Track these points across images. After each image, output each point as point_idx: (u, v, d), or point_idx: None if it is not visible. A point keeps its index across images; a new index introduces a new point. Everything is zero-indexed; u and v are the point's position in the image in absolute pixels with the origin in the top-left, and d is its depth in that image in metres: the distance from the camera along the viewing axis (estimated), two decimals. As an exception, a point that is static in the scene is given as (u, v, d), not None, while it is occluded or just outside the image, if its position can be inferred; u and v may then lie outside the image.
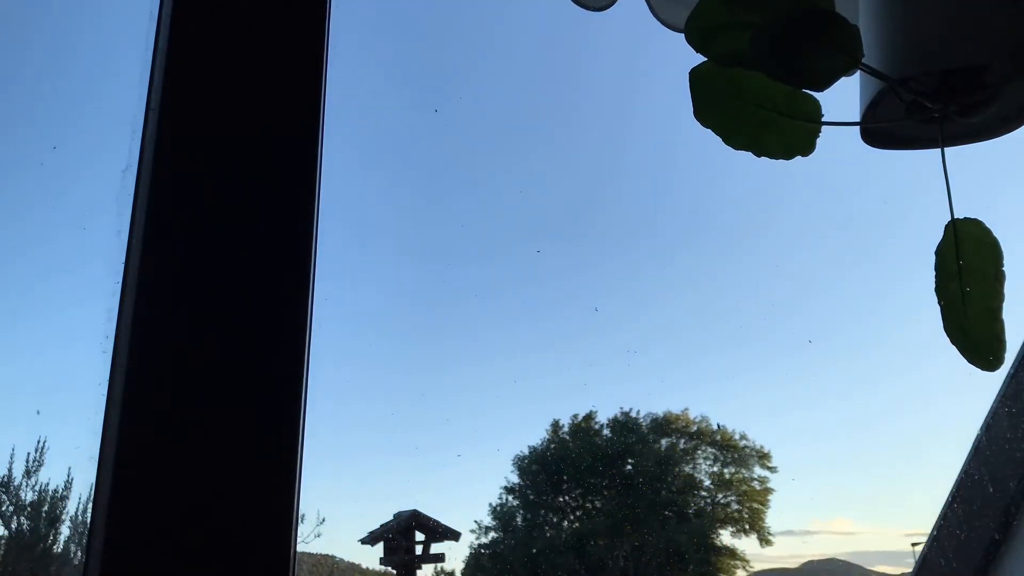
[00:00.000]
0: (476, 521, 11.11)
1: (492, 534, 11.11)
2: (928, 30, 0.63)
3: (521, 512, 11.30)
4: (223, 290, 0.56)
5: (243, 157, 0.59)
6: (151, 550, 0.49)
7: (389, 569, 8.47)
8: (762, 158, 0.63)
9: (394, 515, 8.46)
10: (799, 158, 0.63)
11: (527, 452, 11.59)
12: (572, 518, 11.08)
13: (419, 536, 8.47)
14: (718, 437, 11.59)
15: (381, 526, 8.36)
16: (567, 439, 11.58)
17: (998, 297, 0.61)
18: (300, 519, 0.55)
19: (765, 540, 11.20)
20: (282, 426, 0.54)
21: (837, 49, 0.58)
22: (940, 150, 0.64)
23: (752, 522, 11.29)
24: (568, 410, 11.76)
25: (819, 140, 0.63)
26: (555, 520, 11.12)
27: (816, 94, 0.62)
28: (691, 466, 11.47)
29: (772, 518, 11.30)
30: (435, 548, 8.57)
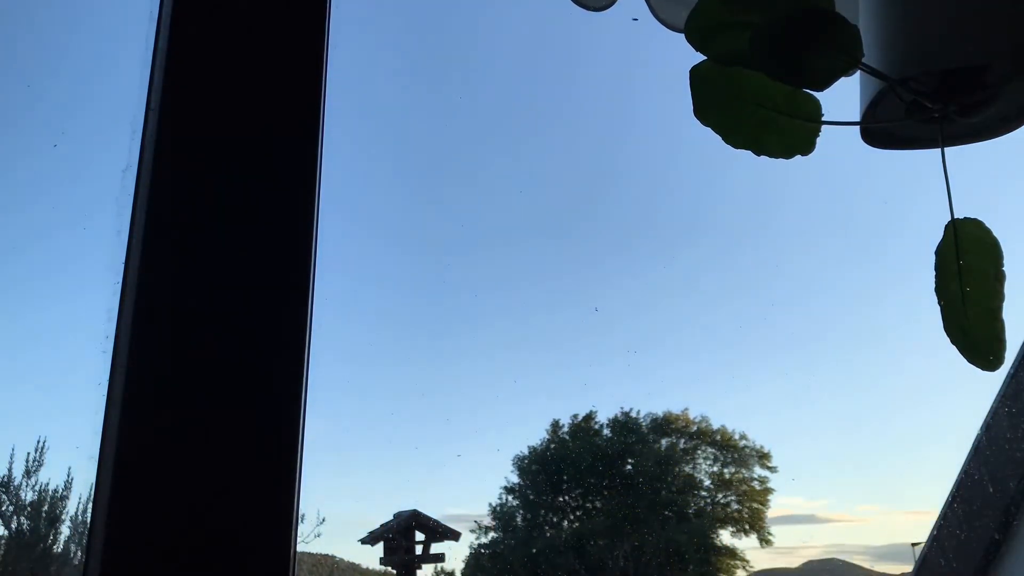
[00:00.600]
0: (476, 521, 11.12)
1: (492, 534, 11.12)
2: (928, 30, 0.63)
3: (521, 512, 11.30)
4: (223, 290, 0.56)
5: (243, 157, 0.59)
6: (151, 550, 0.49)
7: (389, 569, 8.47)
8: (762, 157, 0.63)
9: (394, 515, 8.46)
10: (799, 157, 0.63)
11: (527, 452, 11.60)
12: (572, 518, 11.07)
13: (419, 536, 8.47)
14: (718, 437, 11.59)
15: (381, 526, 8.36)
16: (567, 439, 11.58)
17: (998, 297, 0.61)
18: (300, 519, 0.55)
19: (765, 540, 11.21)
20: (282, 426, 0.54)
21: (837, 49, 0.58)
22: (940, 150, 0.64)
23: (752, 522, 11.29)
24: (568, 410, 11.77)
25: (819, 140, 0.63)
26: (555, 520, 11.12)
27: (816, 94, 0.62)
28: (691, 466, 11.48)
29: (772, 518, 11.31)
30: (435, 548, 8.58)
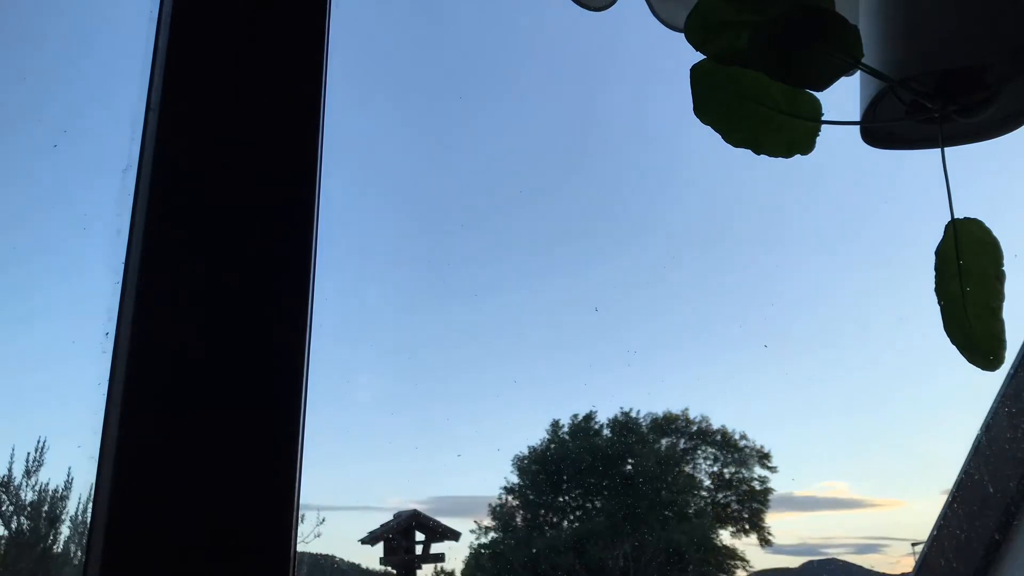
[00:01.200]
0: (476, 521, 11.12)
1: (492, 534, 11.12)
2: (928, 30, 0.63)
3: (521, 512, 11.30)
4: (223, 290, 0.56)
5: (243, 156, 0.59)
6: (151, 550, 0.49)
7: (389, 569, 8.47)
8: (762, 157, 0.63)
9: (394, 515, 8.46)
10: (799, 157, 0.63)
11: (527, 452, 11.60)
12: (572, 518, 11.07)
13: (419, 536, 8.47)
14: (718, 437, 11.60)
15: (381, 526, 8.36)
16: (567, 439, 11.58)
17: (998, 297, 0.61)
18: (300, 519, 0.55)
19: (765, 540, 11.21)
20: (282, 426, 0.54)
21: (837, 49, 0.58)
22: (940, 150, 0.64)
23: (752, 522, 11.29)
24: (568, 410, 11.76)
25: (819, 139, 0.63)
26: (555, 520, 11.12)
27: (816, 93, 0.62)
28: (691, 466, 11.48)
29: (772, 517, 11.31)
30: (435, 548, 8.58)
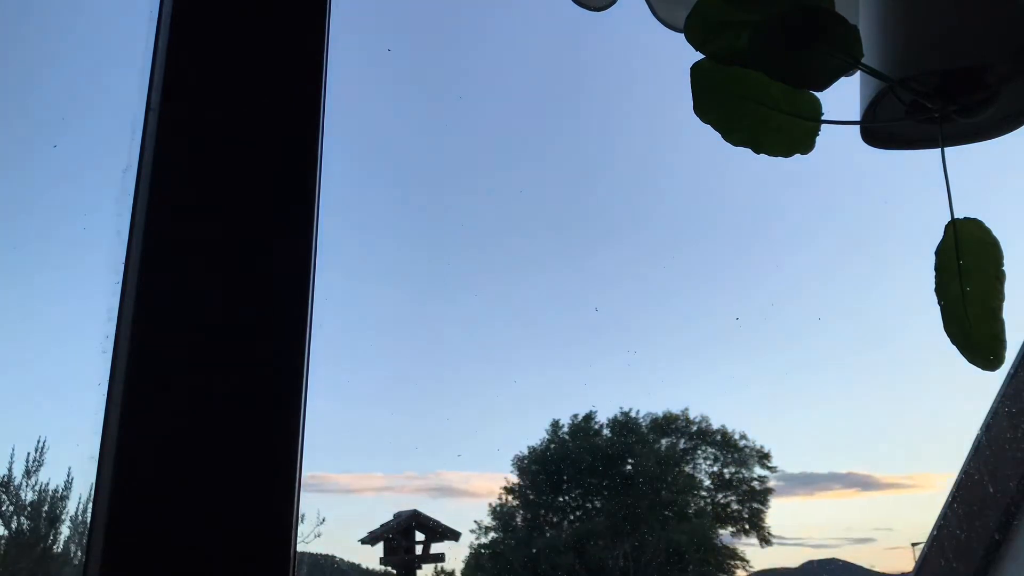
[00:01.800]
0: (476, 521, 11.12)
1: (492, 534, 11.12)
2: (928, 30, 0.63)
3: (521, 512, 11.30)
4: (223, 290, 0.56)
5: (243, 156, 0.59)
6: (151, 550, 0.49)
7: (389, 569, 8.47)
8: (761, 156, 0.63)
9: (394, 515, 8.46)
10: (798, 156, 0.63)
11: (527, 452, 11.60)
12: (572, 518, 11.07)
13: (419, 536, 8.47)
14: (718, 437, 11.59)
15: (381, 526, 8.35)
16: (567, 439, 11.58)
17: (998, 297, 0.61)
18: (300, 519, 0.55)
19: (765, 540, 11.21)
20: (282, 426, 0.54)
21: (837, 49, 0.58)
22: (940, 150, 0.64)
23: (752, 522, 11.29)
24: (568, 410, 11.77)
25: (819, 139, 0.63)
26: (555, 520, 11.12)
27: (816, 93, 0.62)
28: (691, 466, 11.48)
29: (772, 517, 11.31)
30: (435, 548, 8.58)
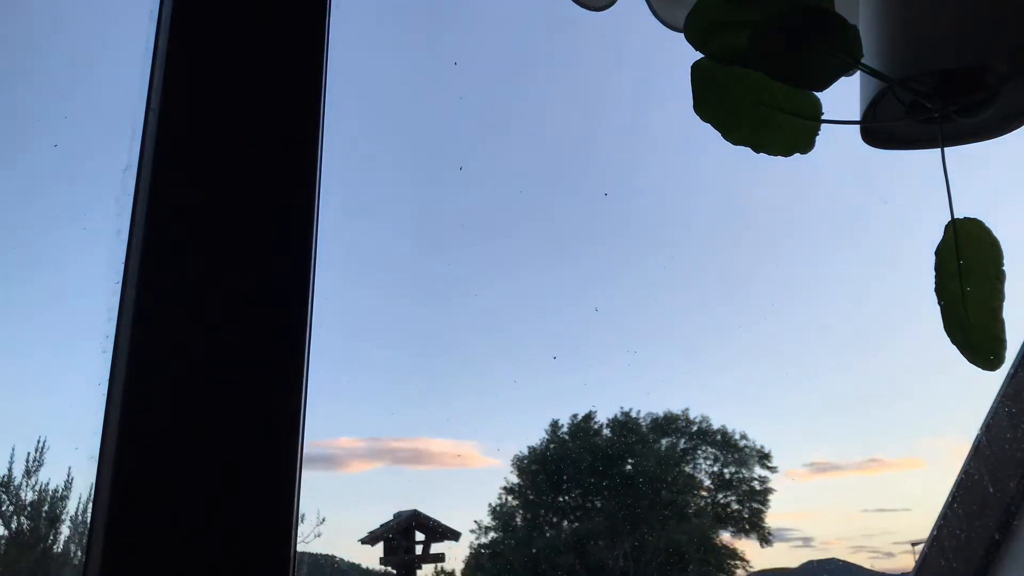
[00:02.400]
0: (476, 521, 11.12)
1: (492, 534, 11.12)
2: (928, 30, 0.63)
3: (521, 512, 11.30)
4: (223, 289, 0.56)
5: (243, 156, 0.59)
6: (151, 550, 0.49)
7: (389, 569, 8.46)
8: (761, 156, 0.63)
9: (394, 515, 8.46)
10: (798, 156, 0.63)
11: (527, 452, 11.60)
12: (572, 518, 11.07)
13: (419, 536, 8.47)
14: (718, 437, 11.59)
15: (381, 526, 8.35)
16: (567, 439, 11.58)
17: (998, 297, 0.61)
18: (300, 519, 0.55)
19: (765, 540, 11.21)
20: (282, 425, 0.54)
21: (837, 49, 0.58)
22: (940, 150, 0.64)
23: (752, 522, 11.29)
24: (568, 410, 11.76)
25: (819, 139, 0.63)
26: (555, 520, 11.12)
27: (816, 93, 0.62)
28: (691, 466, 11.48)
29: (772, 517, 11.32)
30: (435, 548, 8.58)
